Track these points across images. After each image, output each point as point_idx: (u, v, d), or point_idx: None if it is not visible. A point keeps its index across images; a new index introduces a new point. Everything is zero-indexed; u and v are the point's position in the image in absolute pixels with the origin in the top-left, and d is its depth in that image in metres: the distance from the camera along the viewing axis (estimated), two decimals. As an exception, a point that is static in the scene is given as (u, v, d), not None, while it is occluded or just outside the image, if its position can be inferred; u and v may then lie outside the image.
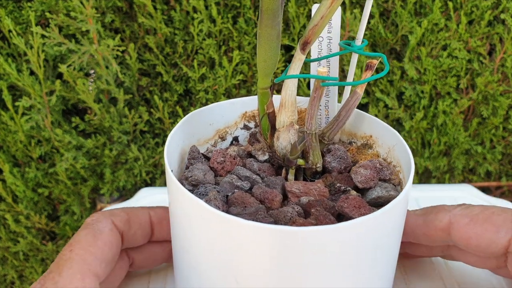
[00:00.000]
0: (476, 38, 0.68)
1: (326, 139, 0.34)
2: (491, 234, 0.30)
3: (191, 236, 0.29)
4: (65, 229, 0.77)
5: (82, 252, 0.30)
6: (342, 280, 0.27)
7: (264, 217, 0.28)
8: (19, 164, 0.75)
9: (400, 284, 0.38)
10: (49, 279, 0.29)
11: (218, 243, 0.27)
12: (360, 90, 0.32)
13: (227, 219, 0.25)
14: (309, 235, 0.24)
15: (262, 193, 0.31)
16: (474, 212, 0.31)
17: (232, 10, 0.69)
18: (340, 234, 0.25)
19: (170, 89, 0.73)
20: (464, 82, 0.71)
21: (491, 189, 0.81)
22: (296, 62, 0.29)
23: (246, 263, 0.26)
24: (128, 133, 0.72)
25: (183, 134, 0.35)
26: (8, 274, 0.81)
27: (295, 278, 0.26)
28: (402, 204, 0.28)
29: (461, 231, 0.31)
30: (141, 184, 0.76)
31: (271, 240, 0.25)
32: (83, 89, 0.66)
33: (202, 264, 0.28)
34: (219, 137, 0.38)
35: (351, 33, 0.68)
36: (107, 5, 0.66)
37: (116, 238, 0.32)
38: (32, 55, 0.64)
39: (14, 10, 0.66)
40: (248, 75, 0.71)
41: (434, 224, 0.32)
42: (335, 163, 0.33)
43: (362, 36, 0.32)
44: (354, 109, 0.33)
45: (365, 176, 0.31)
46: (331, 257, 0.26)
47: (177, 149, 0.34)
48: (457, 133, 0.73)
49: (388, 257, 0.29)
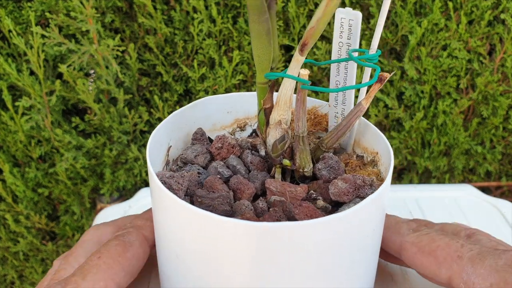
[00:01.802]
0: (476, 38, 0.68)
1: (324, 146, 0.33)
2: (434, 269, 0.31)
3: (157, 221, 0.30)
4: (65, 229, 0.77)
5: (110, 261, 0.30)
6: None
7: (220, 204, 0.29)
8: (19, 164, 0.75)
9: (400, 284, 0.38)
10: (72, 282, 0.29)
11: (171, 225, 0.28)
12: (364, 102, 0.31)
13: (173, 199, 0.27)
14: (237, 228, 0.25)
15: (236, 183, 0.31)
16: (422, 243, 0.32)
17: (232, 10, 0.69)
18: (267, 233, 0.25)
19: (170, 89, 0.73)
20: (464, 82, 0.71)
21: (491, 189, 0.81)
22: (294, 63, 0.29)
23: (189, 245, 0.27)
24: (128, 133, 0.72)
25: (194, 115, 0.36)
26: (8, 274, 0.81)
27: (229, 266, 0.27)
28: (356, 215, 0.27)
29: (410, 258, 0.32)
30: (141, 184, 0.76)
31: (208, 226, 0.26)
32: (83, 89, 0.66)
33: (171, 253, 0.30)
34: (237, 126, 0.39)
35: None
36: (107, 5, 0.66)
37: (144, 252, 0.33)
38: (32, 55, 0.64)
39: (14, 10, 0.66)
40: (248, 75, 0.71)
41: (388, 244, 0.34)
42: (325, 172, 0.32)
43: (376, 45, 0.31)
44: (356, 120, 0.32)
45: (340, 189, 0.30)
46: (277, 254, 0.26)
47: (185, 129, 0.36)
48: (457, 133, 0.73)
49: (347, 261, 0.29)
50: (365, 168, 0.34)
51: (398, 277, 0.39)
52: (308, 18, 0.69)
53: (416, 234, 0.32)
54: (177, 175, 0.31)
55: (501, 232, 0.46)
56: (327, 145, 0.33)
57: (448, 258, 0.30)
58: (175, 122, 0.35)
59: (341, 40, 0.32)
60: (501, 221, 0.48)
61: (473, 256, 0.29)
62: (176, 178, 0.30)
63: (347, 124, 0.32)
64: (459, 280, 0.29)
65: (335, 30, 0.32)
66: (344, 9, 0.31)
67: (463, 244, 0.30)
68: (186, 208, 0.26)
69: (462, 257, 0.29)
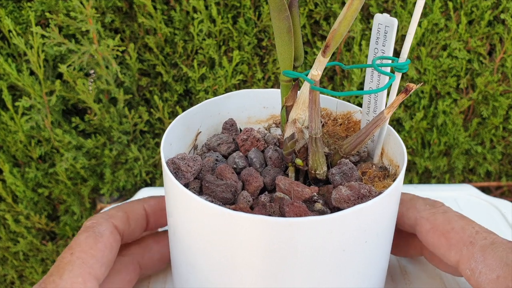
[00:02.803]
0: (476, 38, 0.68)
1: (342, 152, 0.33)
2: (444, 250, 0.30)
3: (170, 211, 0.31)
4: (65, 229, 0.77)
5: (83, 255, 0.30)
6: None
7: (222, 191, 0.31)
8: (19, 164, 0.75)
9: (400, 284, 0.38)
10: (50, 282, 0.29)
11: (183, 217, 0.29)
12: (386, 112, 0.31)
13: (182, 191, 0.27)
14: (229, 218, 0.26)
15: (246, 175, 0.32)
16: (437, 221, 0.31)
17: (232, 10, 0.69)
18: (248, 226, 0.26)
19: (170, 89, 0.73)
20: (464, 82, 0.71)
21: (491, 189, 0.81)
22: (316, 64, 0.29)
23: (201, 236, 0.28)
24: (128, 133, 0.72)
25: (228, 105, 0.38)
26: (8, 274, 0.81)
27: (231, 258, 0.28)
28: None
29: (423, 234, 0.32)
30: (141, 184, 0.76)
31: (196, 209, 0.27)
32: (83, 89, 0.66)
33: (186, 245, 0.30)
34: (274, 122, 0.39)
35: (351, 33, 0.68)
36: (107, 5, 0.66)
37: (116, 240, 0.32)
38: (32, 55, 0.64)
39: (14, 10, 0.66)
40: (248, 75, 0.71)
41: (403, 219, 0.33)
42: (338, 177, 0.32)
43: (406, 55, 0.31)
44: (376, 129, 0.32)
45: (341, 195, 0.29)
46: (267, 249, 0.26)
47: (218, 117, 0.38)
48: (457, 133, 0.73)
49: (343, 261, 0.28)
50: (383, 181, 0.33)
51: (398, 277, 0.39)
52: (308, 18, 0.69)
53: (433, 211, 0.32)
54: (188, 158, 0.32)
55: (501, 232, 0.46)
56: (345, 151, 0.33)
57: (460, 242, 0.29)
58: (207, 110, 0.37)
59: (376, 46, 0.32)
60: (501, 221, 0.48)
61: (485, 245, 0.28)
62: (187, 160, 0.32)
63: (366, 132, 0.32)
64: (466, 266, 0.29)
65: (372, 35, 0.31)
66: (382, 15, 0.30)
67: (478, 231, 0.29)
68: (180, 189, 0.28)
69: (475, 244, 0.29)
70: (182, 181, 0.31)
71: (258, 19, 0.69)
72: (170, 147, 0.34)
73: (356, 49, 0.68)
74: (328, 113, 0.38)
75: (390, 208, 0.30)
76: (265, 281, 0.27)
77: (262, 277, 0.27)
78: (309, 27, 0.69)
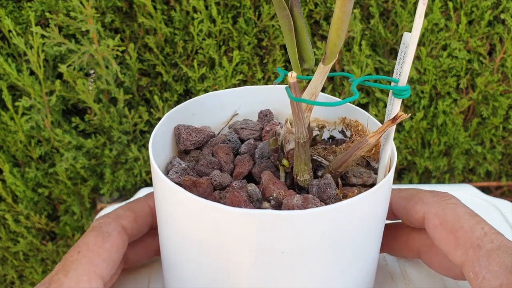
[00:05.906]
0: (476, 38, 0.68)
1: (331, 167, 0.32)
2: (451, 248, 0.30)
3: (159, 208, 0.32)
4: (65, 229, 0.77)
5: (89, 254, 0.30)
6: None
7: (202, 165, 0.33)
8: (19, 164, 0.75)
9: (400, 284, 0.38)
10: (55, 280, 0.29)
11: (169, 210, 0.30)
12: (369, 137, 0.30)
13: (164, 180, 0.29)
14: (193, 204, 0.27)
15: (239, 159, 0.35)
16: (446, 217, 0.30)
17: (232, 10, 0.69)
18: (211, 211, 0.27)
19: (170, 89, 0.73)
20: (464, 82, 0.71)
21: (491, 189, 0.81)
22: (318, 70, 0.30)
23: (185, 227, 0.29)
24: (128, 133, 0.72)
25: (269, 97, 0.40)
26: (8, 274, 0.81)
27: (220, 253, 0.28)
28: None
29: (430, 228, 0.31)
30: (141, 184, 0.76)
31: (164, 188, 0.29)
32: (83, 89, 0.66)
33: (172, 241, 0.31)
34: (316, 125, 0.39)
35: (351, 33, 0.68)
36: (107, 5, 0.66)
37: (123, 241, 0.32)
38: (32, 55, 0.64)
39: (14, 10, 0.66)
40: (248, 75, 0.71)
41: (411, 214, 0.33)
42: (315, 189, 0.31)
43: (406, 79, 0.29)
44: (358, 153, 0.30)
45: (289, 202, 0.29)
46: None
47: (258, 106, 0.40)
48: (457, 133, 0.73)
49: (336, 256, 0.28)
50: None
51: (398, 277, 0.39)
52: (308, 18, 0.69)
53: (442, 205, 0.31)
54: (194, 129, 0.35)
55: (501, 232, 0.46)
56: (333, 167, 0.32)
57: (468, 243, 0.28)
58: (245, 95, 0.39)
59: (403, 42, 0.30)
60: (501, 221, 0.47)
61: (491, 249, 0.28)
62: (191, 130, 0.35)
63: (349, 153, 0.31)
64: (470, 269, 0.28)
65: (399, 52, 0.30)
66: (407, 35, 0.29)
67: (486, 233, 0.29)
68: (155, 170, 0.30)
69: (481, 247, 0.28)
70: (182, 147, 0.35)
71: (258, 19, 0.69)
72: (194, 117, 0.37)
73: (356, 49, 0.68)
74: (357, 127, 0.37)
75: (376, 207, 0.29)
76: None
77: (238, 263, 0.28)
78: (309, 27, 0.69)
